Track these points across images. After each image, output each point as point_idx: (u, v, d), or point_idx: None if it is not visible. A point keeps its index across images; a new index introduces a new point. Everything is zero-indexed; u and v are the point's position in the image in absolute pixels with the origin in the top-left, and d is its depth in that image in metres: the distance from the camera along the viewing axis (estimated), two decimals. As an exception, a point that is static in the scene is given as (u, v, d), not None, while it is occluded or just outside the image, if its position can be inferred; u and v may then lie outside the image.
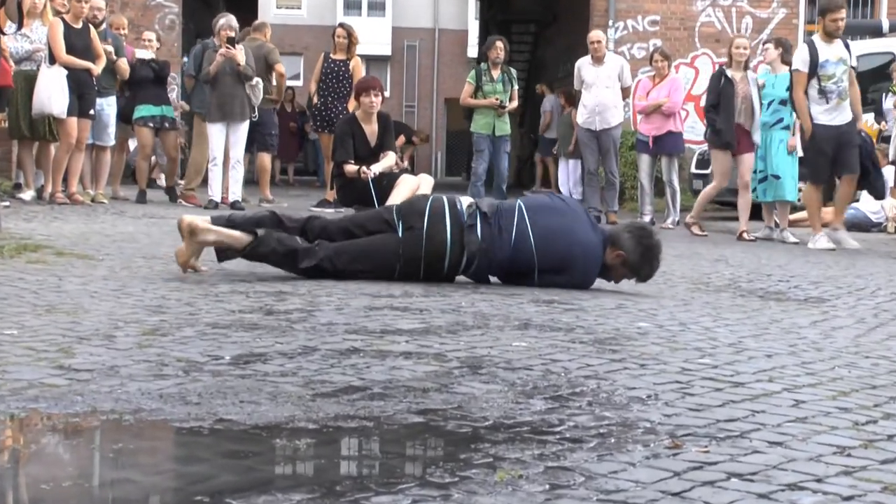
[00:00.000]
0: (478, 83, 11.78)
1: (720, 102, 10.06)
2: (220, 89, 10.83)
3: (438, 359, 3.07)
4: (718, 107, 10.08)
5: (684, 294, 5.28)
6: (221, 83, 10.81)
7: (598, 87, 11.88)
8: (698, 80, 16.75)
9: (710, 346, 3.52)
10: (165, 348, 3.06)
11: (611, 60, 11.98)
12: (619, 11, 16.60)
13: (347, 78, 11.56)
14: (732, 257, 7.74)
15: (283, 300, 4.14)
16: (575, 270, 5.00)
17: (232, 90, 10.84)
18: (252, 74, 10.96)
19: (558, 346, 3.37)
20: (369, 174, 8.05)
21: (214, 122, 10.88)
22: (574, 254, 4.97)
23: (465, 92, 11.95)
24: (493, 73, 11.80)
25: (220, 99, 10.84)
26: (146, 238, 6.95)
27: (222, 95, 10.83)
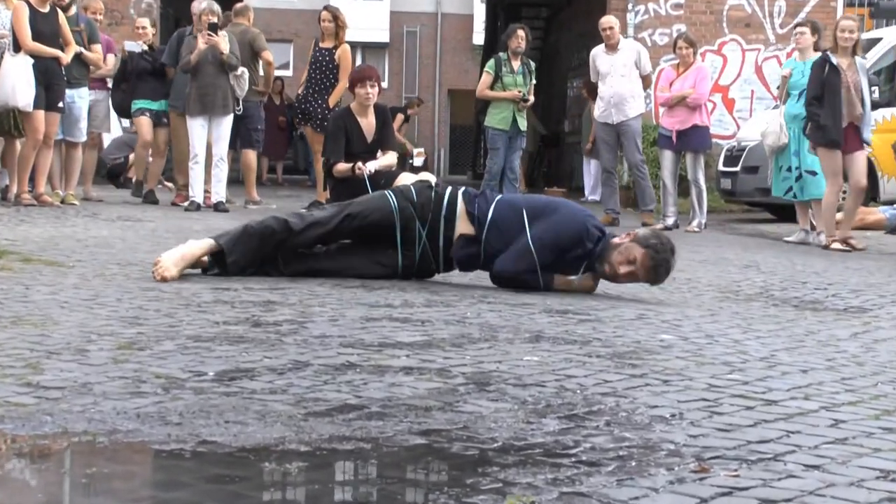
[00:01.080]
0: (497, 74, 11.78)
1: (824, 94, 9.52)
2: (200, 80, 10.84)
3: (442, 375, 3.07)
4: (822, 99, 9.53)
5: (711, 303, 5.28)
6: (203, 73, 10.83)
7: (614, 76, 11.91)
8: (726, 68, 16.77)
9: (740, 360, 3.52)
10: (143, 363, 3.06)
11: (626, 47, 12.01)
12: (639, -7, 16.61)
13: (332, 69, 11.43)
14: (764, 263, 7.74)
15: (272, 311, 4.14)
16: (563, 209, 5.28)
17: (214, 81, 10.86)
18: (237, 64, 10.98)
19: (573, 360, 3.37)
20: (364, 171, 8.03)
21: (195, 115, 10.90)
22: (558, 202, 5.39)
23: (483, 83, 11.94)
24: (513, 63, 11.84)
25: (200, 90, 10.86)
26: (121, 243, 6.96)
27: (203, 87, 10.85)
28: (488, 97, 11.88)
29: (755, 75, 16.87)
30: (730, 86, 16.86)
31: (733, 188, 13.60)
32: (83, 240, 7.03)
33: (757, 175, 13.00)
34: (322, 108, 11.34)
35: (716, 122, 15.81)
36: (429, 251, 5.38)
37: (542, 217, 5.24)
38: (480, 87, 11.98)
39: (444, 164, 39.79)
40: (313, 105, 11.45)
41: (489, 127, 11.89)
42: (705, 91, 11.64)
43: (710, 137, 12.04)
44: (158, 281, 4.92)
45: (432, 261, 5.42)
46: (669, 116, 11.55)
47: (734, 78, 16.86)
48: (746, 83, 16.87)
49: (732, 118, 16.75)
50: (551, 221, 5.22)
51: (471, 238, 5.30)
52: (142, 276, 5.10)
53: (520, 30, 12.02)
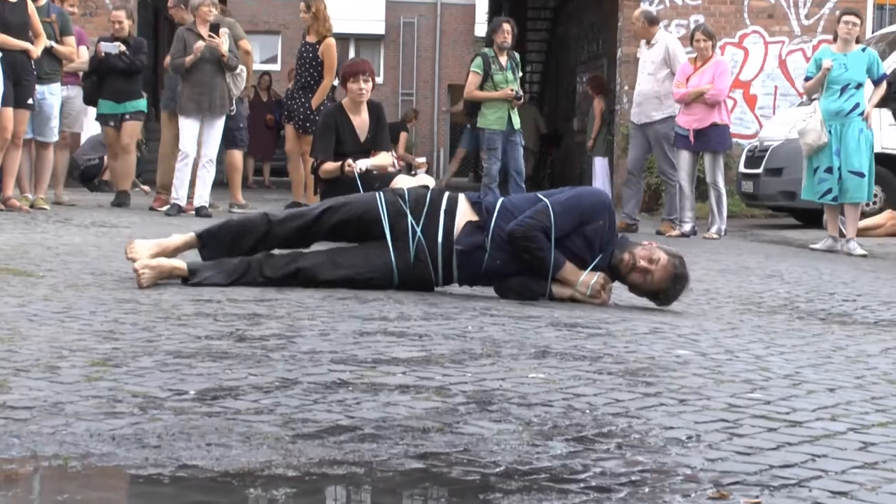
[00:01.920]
0: (486, 72, 11.80)
1: None
2: (195, 78, 10.92)
3: (441, 393, 3.07)
4: None
5: (731, 316, 5.28)
6: (199, 71, 10.93)
7: (642, 73, 11.97)
8: (748, 63, 16.77)
9: (762, 377, 3.53)
10: (118, 381, 3.06)
11: (659, 42, 12.03)
12: (654, -20, 16.62)
13: (316, 66, 11.39)
14: (788, 272, 7.74)
15: (258, 324, 4.15)
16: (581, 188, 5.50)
17: (210, 79, 11.00)
18: (236, 63, 11.13)
19: (582, 377, 3.37)
20: (354, 168, 8.01)
21: (188, 115, 10.98)
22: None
23: (472, 83, 11.93)
24: (500, 59, 11.86)
25: (194, 89, 10.93)
26: (95, 250, 6.96)
27: (198, 85, 10.93)
28: (479, 98, 11.89)
29: (779, 70, 16.88)
30: (751, 81, 16.86)
31: (755, 191, 13.60)
32: (54, 247, 7.04)
33: (781, 177, 13.01)
34: (305, 107, 11.38)
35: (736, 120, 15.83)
36: (425, 250, 5.33)
37: (559, 193, 5.39)
38: (469, 89, 11.97)
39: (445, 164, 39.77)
40: (298, 102, 11.48)
41: (484, 127, 11.91)
42: (725, 87, 11.66)
43: (730, 137, 12.06)
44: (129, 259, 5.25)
45: (430, 264, 5.36)
46: (686, 114, 11.55)
47: (756, 73, 16.86)
48: (769, 78, 16.88)
49: (754, 116, 16.76)
50: (571, 192, 5.40)
51: (477, 225, 5.32)
52: (117, 287, 5.10)
53: (505, 23, 12.09)
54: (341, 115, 8.38)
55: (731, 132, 12.06)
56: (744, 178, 13.93)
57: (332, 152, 8.22)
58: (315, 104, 11.28)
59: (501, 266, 5.31)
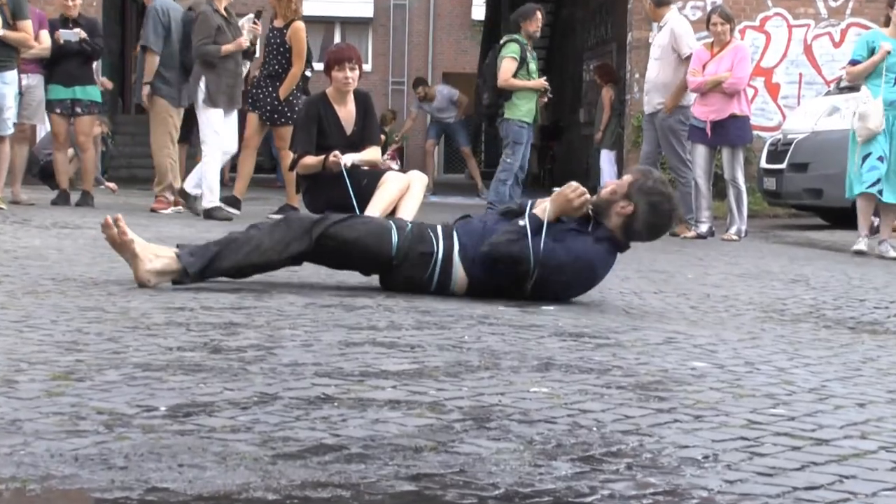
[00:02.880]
0: (523, 59, 11.99)
1: None
2: (231, 69, 11.15)
3: (435, 409, 3.08)
4: None
5: (752, 325, 5.29)
6: (233, 62, 11.14)
7: (651, 59, 12.02)
8: (770, 48, 16.81)
9: (786, 392, 3.53)
10: (82, 397, 3.06)
11: (667, 24, 12.06)
12: (667, -41, 16.63)
13: (284, 52, 11.44)
14: (814, 277, 7.76)
15: (235, 334, 4.15)
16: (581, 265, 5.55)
17: (239, 70, 11.33)
18: (254, 51, 11.37)
19: (589, 392, 3.37)
20: (340, 161, 8.00)
21: (222, 107, 11.16)
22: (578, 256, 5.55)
23: (508, 70, 12.05)
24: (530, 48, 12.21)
25: (228, 79, 11.15)
26: (57, 254, 6.96)
27: (233, 75, 11.19)
28: (516, 87, 12.07)
29: (804, 56, 16.91)
30: (774, 68, 16.90)
31: (778, 189, 13.63)
32: (11, 250, 7.04)
33: (806, 173, 13.04)
34: (272, 97, 11.42)
35: (757, 111, 15.86)
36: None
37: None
38: (506, 76, 12.05)
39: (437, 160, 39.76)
40: (264, 91, 11.50)
41: (514, 120, 12.05)
42: (744, 75, 11.67)
43: (751, 129, 12.06)
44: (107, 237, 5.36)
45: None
46: (702, 105, 11.56)
47: (779, 59, 16.90)
48: (793, 65, 16.91)
49: (777, 106, 16.80)
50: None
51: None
52: (80, 294, 5.10)
53: (538, 11, 12.24)
54: (325, 106, 8.36)
55: (751, 124, 12.07)
56: (766, 175, 13.95)
57: (313, 145, 8.21)
58: (283, 94, 11.33)
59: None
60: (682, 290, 6.73)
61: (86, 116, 12.12)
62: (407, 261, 5.57)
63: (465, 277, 5.59)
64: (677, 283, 7.14)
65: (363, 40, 39.04)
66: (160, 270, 5.36)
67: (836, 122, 13.04)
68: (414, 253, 5.56)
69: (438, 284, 5.58)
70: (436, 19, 40.05)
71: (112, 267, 6.13)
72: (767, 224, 14.38)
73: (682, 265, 8.39)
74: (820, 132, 13.14)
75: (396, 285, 5.64)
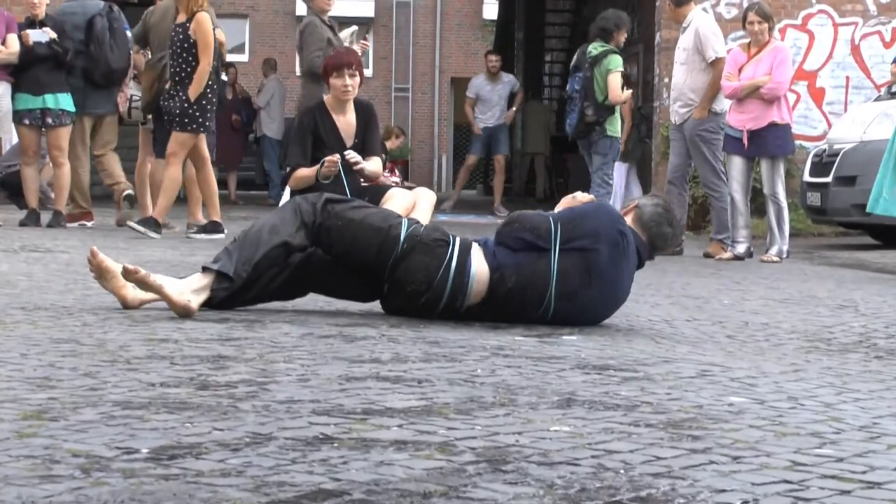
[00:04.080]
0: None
1: None
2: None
3: (445, 450, 3.08)
4: None
5: (795, 356, 5.29)
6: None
7: (677, 64, 12.07)
8: (813, 49, 16.81)
9: (833, 430, 3.53)
10: (56, 438, 3.07)
11: (691, 24, 12.09)
12: (700, -48, 16.66)
13: (190, 50, 11.15)
14: (864, 302, 7.75)
15: (224, 368, 4.16)
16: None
17: None
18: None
19: (615, 431, 3.38)
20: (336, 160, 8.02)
21: None
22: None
23: (618, 85, 12.38)
24: None
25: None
26: (26, 280, 6.98)
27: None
28: (622, 102, 12.59)
29: (851, 57, 16.92)
30: (818, 71, 16.91)
31: (823, 204, 13.63)
32: (-23, 277, 7.06)
33: (854, 187, 13.03)
34: (181, 99, 11.16)
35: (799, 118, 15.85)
36: None
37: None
38: (617, 91, 12.36)
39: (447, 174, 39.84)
40: (174, 98, 11.23)
41: (615, 137, 12.65)
42: (785, 79, 11.67)
43: (793, 139, 12.07)
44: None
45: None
46: (738, 112, 11.57)
47: (824, 61, 16.91)
48: (839, 68, 16.92)
49: (821, 113, 16.80)
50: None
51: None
52: (53, 325, 5.11)
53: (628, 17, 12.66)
54: (323, 115, 8.40)
55: (793, 133, 12.07)
56: (809, 189, 13.95)
57: (307, 158, 8.24)
58: (194, 94, 11.12)
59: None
60: (717, 317, 6.73)
61: (59, 128, 12.15)
62: (419, 248, 5.63)
63: (485, 271, 5.64)
64: (712, 309, 7.14)
65: (364, 42, 39.10)
66: (196, 288, 5.50)
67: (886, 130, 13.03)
68: (428, 238, 5.67)
69: (454, 283, 5.61)
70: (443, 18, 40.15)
71: (86, 295, 6.15)
72: (812, 244, 14.38)
73: (717, 290, 8.39)
74: (869, 142, 13.14)
75: (403, 287, 5.68)
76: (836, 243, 14.59)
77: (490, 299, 5.65)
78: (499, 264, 5.64)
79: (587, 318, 5.78)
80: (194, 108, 11.03)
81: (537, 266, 5.62)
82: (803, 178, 14.23)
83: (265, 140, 22.04)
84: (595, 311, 5.81)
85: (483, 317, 5.68)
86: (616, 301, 5.87)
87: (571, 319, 5.69)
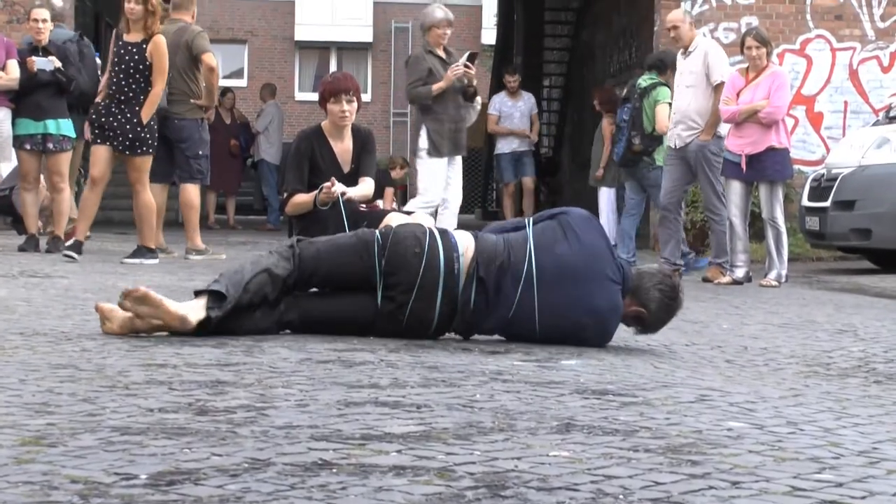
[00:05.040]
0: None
1: None
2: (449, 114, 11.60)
3: (444, 476, 3.08)
4: None
5: (794, 380, 5.29)
6: (452, 105, 11.59)
7: (681, 87, 12.11)
8: (811, 74, 16.84)
9: (832, 455, 3.53)
10: (54, 464, 3.07)
11: (698, 49, 12.14)
12: (697, -23, 16.72)
13: (143, 71, 10.97)
14: (864, 327, 7.75)
15: (223, 393, 4.15)
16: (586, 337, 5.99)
17: (461, 115, 11.74)
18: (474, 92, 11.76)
19: (614, 456, 3.38)
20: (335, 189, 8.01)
21: (444, 156, 11.61)
22: (584, 324, 5.97)
23: (666, 113, 12.77)
24: None
25: (451, 126, 11.57)
26: (25, 306, 6.98)
27: (454, 121, 11.63)
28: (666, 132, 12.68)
29: (849, 82, 16.96)
30: (816, 96, 16.95)
31: (822, 229, 13.63)
32: (-25, 302, 7.06)
33: (853, 212, 13.04)
34: (131, 123, 10.98)
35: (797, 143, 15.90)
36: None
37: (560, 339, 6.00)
38: (665, 122, 12.73)
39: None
40: (118, 119, 11.01)
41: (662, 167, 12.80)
42: (783, 104, 11.70)
43: (791, 163, 12.09)
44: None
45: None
46: (737, 136, 11.59)
47: (822, 86, 16.95)
48: (838, 92, 16.96)
49: (819, 138, 16.83)
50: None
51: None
52: (52, 350, 5.11)
53: None
54: (320, 141, 8.40)
55: (791, 158, 12.09)
56: (808, 213, 13.95)
57: (304, 183, 8.24)
58: (146, 117, 11.00)
59: None
60: (716, 341, 6.73)
61: (60, 153, 12.16)
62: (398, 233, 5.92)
63: (466, 234, 6.02)
64: (711, 334, 7.14)
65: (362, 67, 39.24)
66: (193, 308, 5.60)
67: (885, 155, 13.08)
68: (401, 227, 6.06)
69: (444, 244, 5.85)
70: (441, 44, 40.15)
71: (86, 320, 6.15)
72: (810, 268, 14.38)
73: (716, 314, 8.39)
74: (868, 166, 13.17)
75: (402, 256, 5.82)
76: (835, 268, 14.59)
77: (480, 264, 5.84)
78: (477, 233, 6.01)
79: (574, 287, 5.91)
80: (146, 130, 10.96)
81: (517, 235, 5.99)
82: (802, 203, 14.24)
83: (263, 165, 22.05)
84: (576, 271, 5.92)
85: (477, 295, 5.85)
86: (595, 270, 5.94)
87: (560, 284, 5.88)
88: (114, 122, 10.95)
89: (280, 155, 21.41)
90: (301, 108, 37.31)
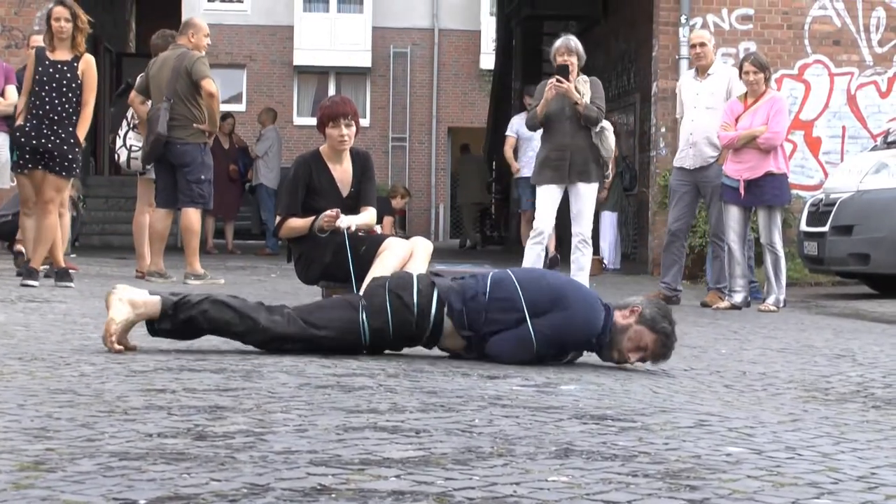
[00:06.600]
0: None
1: None
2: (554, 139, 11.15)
3: (443, 501, 3.08)
4: None
5: (793, 405, 5.29)
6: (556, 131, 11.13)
7: (699, 108, 11.99)
8: (809, 98, 16.87)
9: (831, 480, 3.53)
10: (53, 489, 3.07)
11: (718, 72, 12.14)
12: (696, 2, 16.74)
13: (74, 89, 10.75)
14: (862, 352, 7.75)
15: (221, 418, 4.16)
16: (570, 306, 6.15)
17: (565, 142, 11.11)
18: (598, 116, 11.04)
19: (613, 481, 3.38)
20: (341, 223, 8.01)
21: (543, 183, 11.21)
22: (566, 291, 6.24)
23: None
24: None
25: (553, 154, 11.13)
26: (23, 331, 6.98)
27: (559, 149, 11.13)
28: None
29: (847, 107, 16.99)
30: (814, 121, 16.98)
31: (820, 254, 13.63)
32: (-26, 327, 7.06)
33: (851, 237, 13.05)
34: (68, 143, 10.76)
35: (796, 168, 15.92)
36: None
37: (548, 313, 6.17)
38: None
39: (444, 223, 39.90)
40: (52, 140, 10.73)
41: None
42: (781, 129, 11.71)
43: (789, 188, 12.11)
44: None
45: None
46: (735, 162, 11.59)
47: (820, 111, 16.97)
48: (836, 117, 16.99)
49: (818, 163, 16.86)
50: (559, 322, 6.16)
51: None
52: (50, 375, 5.11)
53: None
54: (318, 165, 8.37)
55: (789, 183, 12.11)
56: (806, 238, 13.96)
57: (299, 206, 8.21)
58: (83, 137, 10.89)
59: None
60: (715, 366, 6.73)
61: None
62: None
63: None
64: (710, 359, 7.14)
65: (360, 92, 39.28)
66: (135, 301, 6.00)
67: (883, 180, 13.10)
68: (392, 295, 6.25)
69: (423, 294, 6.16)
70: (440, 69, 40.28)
71: (84, 345, 6.16)
72: (809, 293, 14.38)
73: (715, 339, 8.40)
74: (866, 191, 13.19)
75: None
76: (833, 293, 14.59)
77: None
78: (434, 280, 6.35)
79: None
80: (79, 151, 10.92)
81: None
82: (800, 228, 14.25)
83: (262, 189, 22.04)
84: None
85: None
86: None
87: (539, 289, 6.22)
88: (47, 143, 10.73)
89: (278, 179, 21.41)
90: (300, 132, 37.36)
